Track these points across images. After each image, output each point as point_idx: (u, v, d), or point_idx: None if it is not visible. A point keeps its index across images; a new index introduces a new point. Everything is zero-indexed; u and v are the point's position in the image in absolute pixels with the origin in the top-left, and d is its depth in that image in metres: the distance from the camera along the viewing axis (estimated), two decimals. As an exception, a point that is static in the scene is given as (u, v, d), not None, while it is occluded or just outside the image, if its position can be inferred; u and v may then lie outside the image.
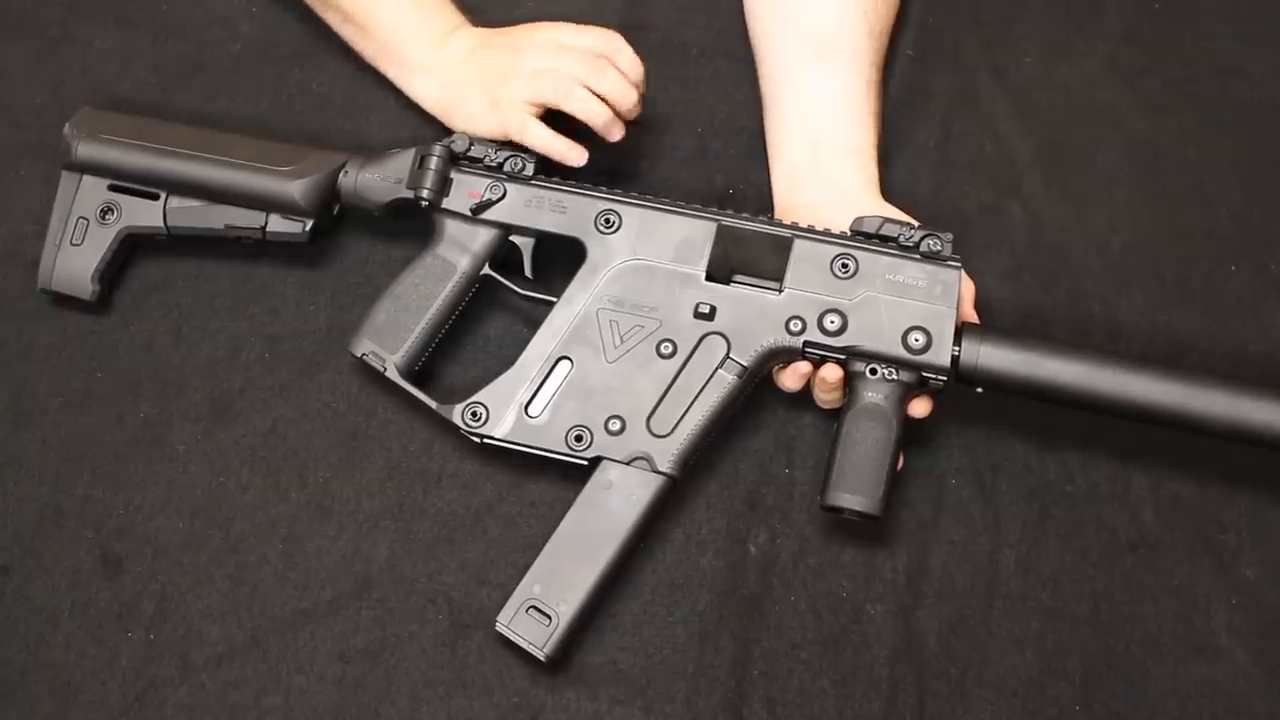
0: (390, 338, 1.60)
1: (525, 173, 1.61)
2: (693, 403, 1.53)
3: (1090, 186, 1.79)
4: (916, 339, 1.51)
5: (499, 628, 1.51)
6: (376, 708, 1.54)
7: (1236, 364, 1.69)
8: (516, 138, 1.63)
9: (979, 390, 1.52)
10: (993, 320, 1.66)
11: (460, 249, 1.62)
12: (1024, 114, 1.83)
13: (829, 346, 1.53)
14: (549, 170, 1.63)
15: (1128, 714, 1.54)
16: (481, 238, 1.62)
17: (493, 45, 1.69)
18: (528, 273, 1.63)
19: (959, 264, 1.53)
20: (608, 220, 1.58)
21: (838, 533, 1.60)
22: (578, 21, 1.69)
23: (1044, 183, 1.79)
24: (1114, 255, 1.75)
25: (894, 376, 1.51)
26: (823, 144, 1.65)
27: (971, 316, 1.58)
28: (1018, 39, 1.88)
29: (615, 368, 1.55)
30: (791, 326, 1.53)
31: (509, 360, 1.57)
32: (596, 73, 1.62)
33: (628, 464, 1.53)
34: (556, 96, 1.62)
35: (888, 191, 1.68)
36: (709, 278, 1.56)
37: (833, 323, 1.52)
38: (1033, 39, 1.88)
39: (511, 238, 1.62)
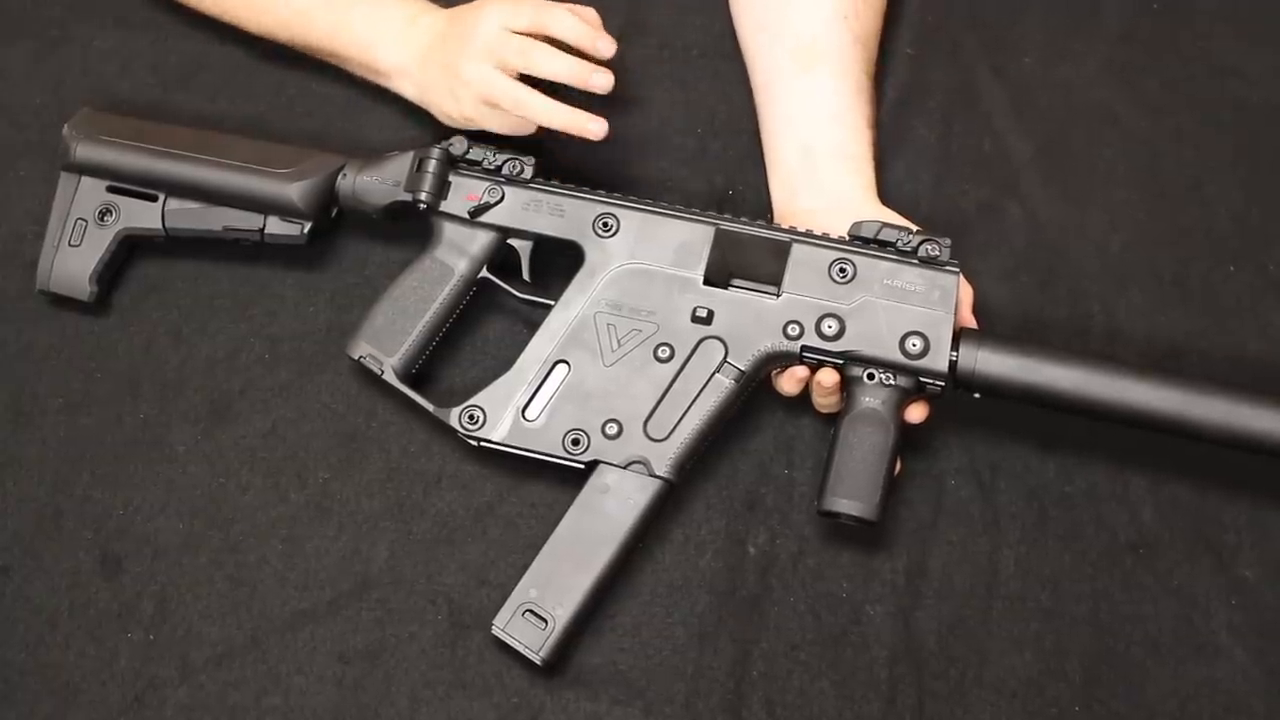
0: (388, 340, 1.60)
1: (523, 176, 1.61)
2: (690, 407, 1.53)
3: (1089, 186, 1.79)
4: (914, 344, 1.50)
5: (495, 631, 1.51)
6: (376, 708, 1.55)
7: (1235, 364, 1.69)
8: (525, 115, 1.60)
9: (976, 396, 1.52)
10: (990, 319, 1.66)
11: (458, 252, 1.61)
12: (1023, 113, 1.83)
13: (826, 351, 1.53)
14: (547, 173, 1.63)
15: (1128, 714, 1.54)
16: (479, 241, 1.61)
17: (443, 44, 1.66)
18: (526, 276, 1.63)
19: (957, 269, 1.53)
20: (606, 224, 1.58)
21: (837, 534, 1.60)
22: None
23: (1043, 182, 1.78)
24: (1112, 255, 1.75)
25: (891, 382, 1.51)
26: (815, 150, 1.65)
27: (970, 321, 1.57)
28: (1017, 38, 1.88)
29: (612, 371, 1.55)
30: (789, 331, 1.53)
31: (506, 363, 1.58)
32: (534, 59, 1.59)
33: (624, 468, 1.53)
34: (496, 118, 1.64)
35: (886, 190, 1.69)
36: (707, 282, 1.56)
37: (830, 327, 1.52)
38: (1032, 38, 1.88)
39: (509, 241, 1.62)
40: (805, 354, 1.53)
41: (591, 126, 1.57)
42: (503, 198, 1.60)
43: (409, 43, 1.69)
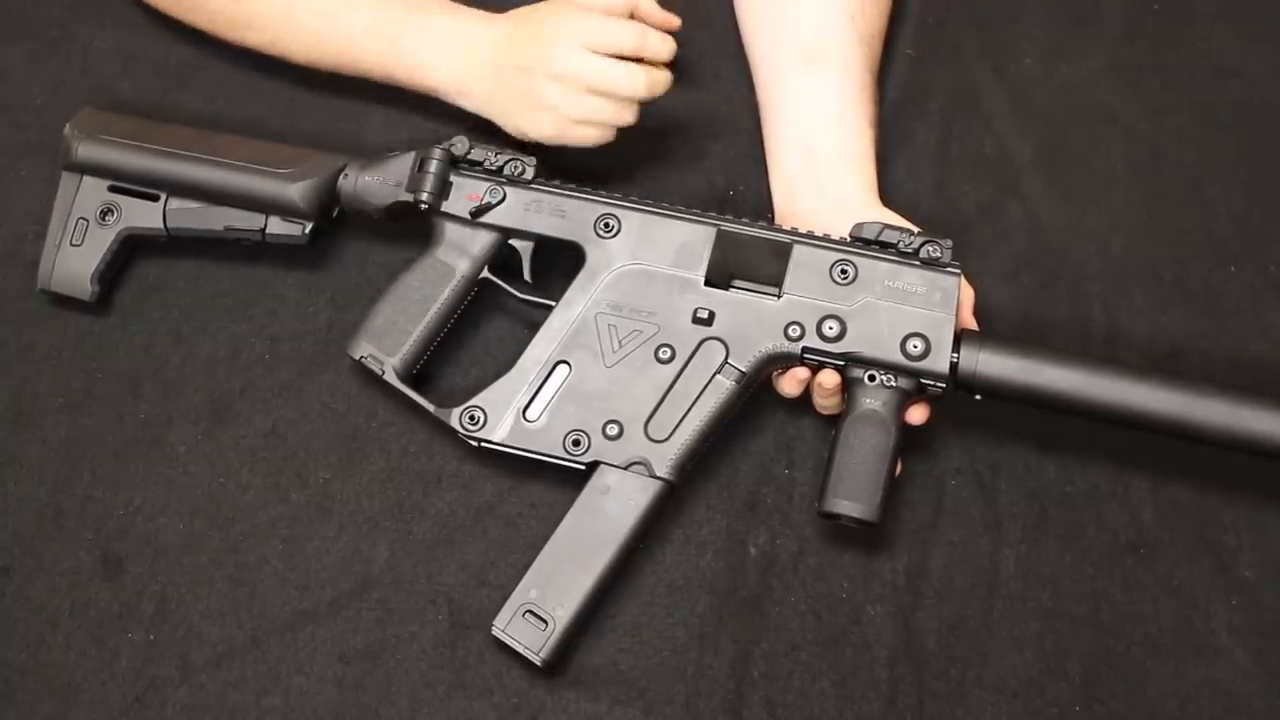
0: (389, 340, 1.60)
1: (525, 176, 1.61)
2: (690, 408, 1.53)
3: (1089, 187, 1.79)
4: (915, 345, 1.50)
5: (495, 632, 1.51)
6: (376, 708, 1.55)
7: (1235, 364, 1.69)
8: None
9: (977, 397, 1.52)
10: (991, 319, 1.67)
11: (459, 252, 1.61)
12: (1023, 114, 1.83)
13: (827, 353, 1.52)
14: (549, 174, 1.63)
15: (1128, 714, 1.54)
16: (481, 241, 1.61)
17: (513, 62, 1.64)
18: (527, 276, 1.62)
19: (958, 270, 1.53)
20: (607, 224, 1.58)
21: (838, 534, 1.60)
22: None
23: (1043, 183, 1.79)
24: (1113, 256, 1.75)
25: (892, 383, 1.51)
26: (817, 150, 1.65)
27: (970, 323, 1.57)
28: (1017, 38, 1.88)
29: (613, 372, 1.55)
30: (790, 332, 1.53)
31: (507, 364, 1.57)
32: (614, 82, 1.61)
33: (625, 469, 1.53)
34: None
35: (886, 191, 1.68)
36: (708, 283, 1.56)
37: (831, 329, 1.52)
38: (1032, 38, 1.88)
39: (511, 241, 1.62)
40: (806, 355, 1.53)
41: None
42: (504, 198, 1.60)
43: (469, 60, 1.67)
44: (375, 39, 1.69)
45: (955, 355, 1.51)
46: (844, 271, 1.53)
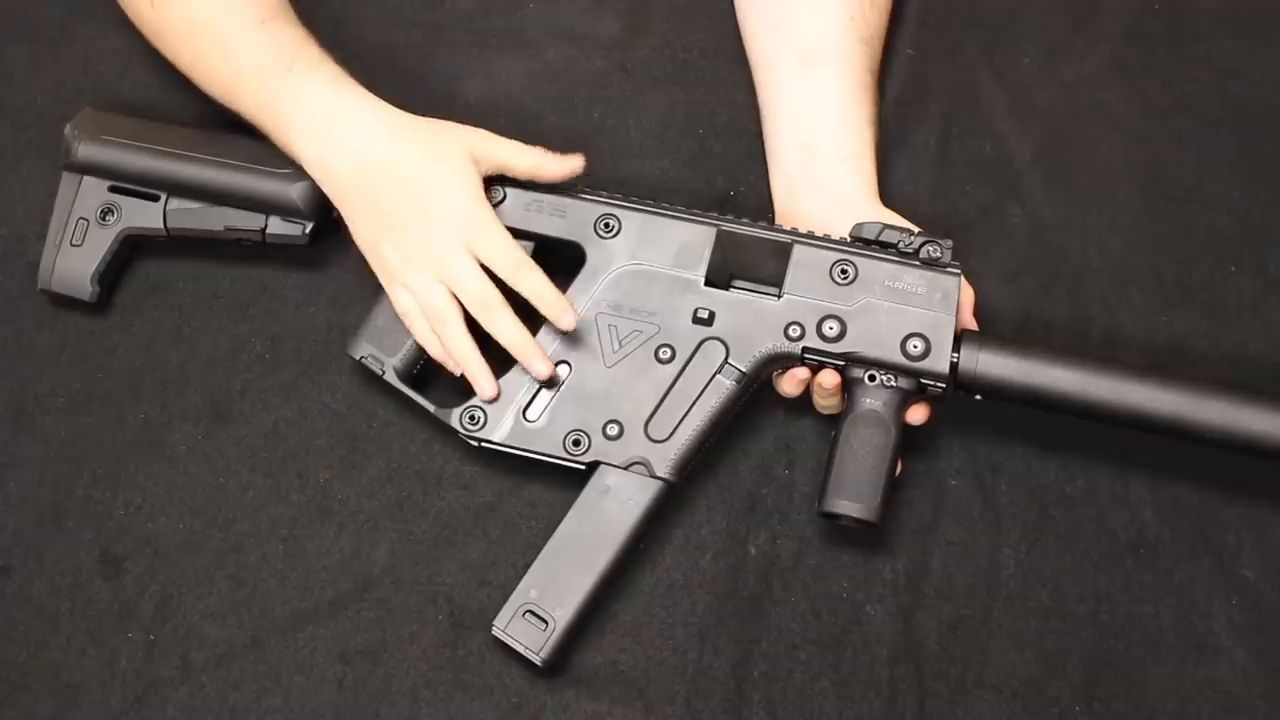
0: (389, 340, 1.60)
1: (525, 177, 1.61)
2: (691, 408, 1.53)
3: (1090, 187, 1.79)
4: (915, 346, 1.50)
5: (495, 632, 1.51)
6: (376, 708, 1.55)
7: (1236, 364, 1.69)
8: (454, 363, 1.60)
9: (977, 397, 1.52)
10: (992, 320, 1.67)
11: (459, 252, 1.61)
12: (1023, 114, 1.83)
13: (828, 353, 1.52)
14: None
15: (1128, 714, 1.54)
16: (481, 242, 1.61)
17: (389, 200, 1.56)
18: (527, 276, 1.62)
19: (958, 270, 1.53)
20: (607, 225, 1.58)
21: (837, 534, 1.60)
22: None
23: (1043, 183, 1.78)
24: (1114, 256, 1.75)
25: (893, 383, 1.51)
26: (817, 150, 1.64)
27: (971, 324, 1.57)
28: (1018, 38, 1.87)
29: (613, 372, 1.55)
30: (790, 332, 1.53)
31: (507, 364, 1.57)
32: (494, 321, 1.56)
33: (625, 469, 1.53)
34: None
35: (886, 192, 1.68)
36: (708, 283, 1.56)
37: (831, 329, 1.52)
38: (1033, 38, 1.87)
39: (511, 241, 1.62)
40: (806, 355, 1.53)
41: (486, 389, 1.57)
42: (504, 199, 1.60)
43: (336, 151, 1.58)
44: (256, 85, 1.61)
45: (955, 355, 1.51)
46: (844, 271, 1.53)
